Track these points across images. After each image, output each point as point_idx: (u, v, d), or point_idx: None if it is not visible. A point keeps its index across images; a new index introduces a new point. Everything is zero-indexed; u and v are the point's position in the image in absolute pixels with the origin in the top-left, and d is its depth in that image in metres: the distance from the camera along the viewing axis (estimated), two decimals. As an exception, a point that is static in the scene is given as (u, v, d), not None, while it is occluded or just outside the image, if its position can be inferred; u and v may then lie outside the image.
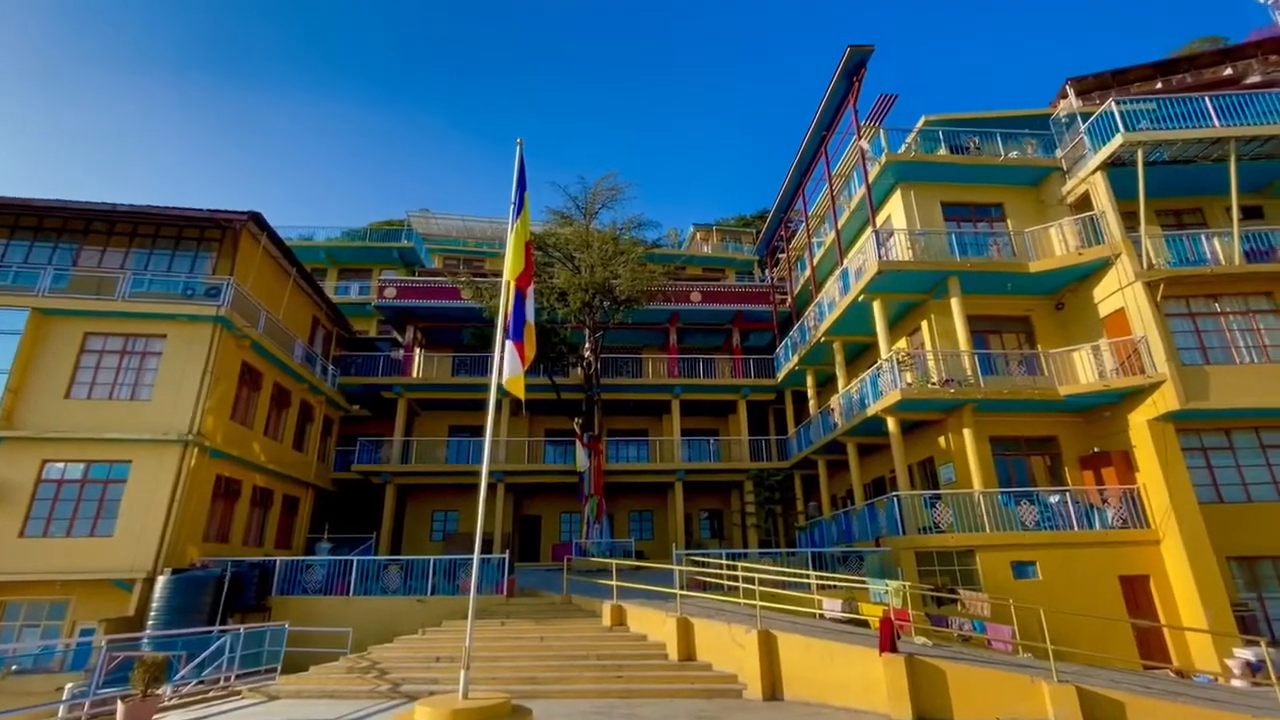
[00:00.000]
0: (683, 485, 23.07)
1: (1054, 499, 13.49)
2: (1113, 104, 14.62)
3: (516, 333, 5.99)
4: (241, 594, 12.78)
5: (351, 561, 13.73)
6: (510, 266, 6.44)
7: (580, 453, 20.98)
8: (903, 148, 17.12)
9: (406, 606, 13.18)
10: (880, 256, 14.98)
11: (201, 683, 10.23)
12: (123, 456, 13.93)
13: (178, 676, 9.98)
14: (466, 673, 5.57)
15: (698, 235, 41.89)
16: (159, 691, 8.51)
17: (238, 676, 10.61)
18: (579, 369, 22.09)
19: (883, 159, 16.33)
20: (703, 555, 14.38)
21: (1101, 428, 14.37)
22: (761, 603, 10.15)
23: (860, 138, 17.14)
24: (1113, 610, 12.28)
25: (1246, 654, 10.92)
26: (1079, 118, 16.04)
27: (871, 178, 16.73)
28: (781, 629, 9.57)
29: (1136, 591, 12.73)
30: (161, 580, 12.23)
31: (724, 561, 12.93)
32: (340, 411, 23.62)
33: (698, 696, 9.02)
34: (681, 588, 11.61)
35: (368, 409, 25.07)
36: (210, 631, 11.18)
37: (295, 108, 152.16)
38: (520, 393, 5.85)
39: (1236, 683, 10.63)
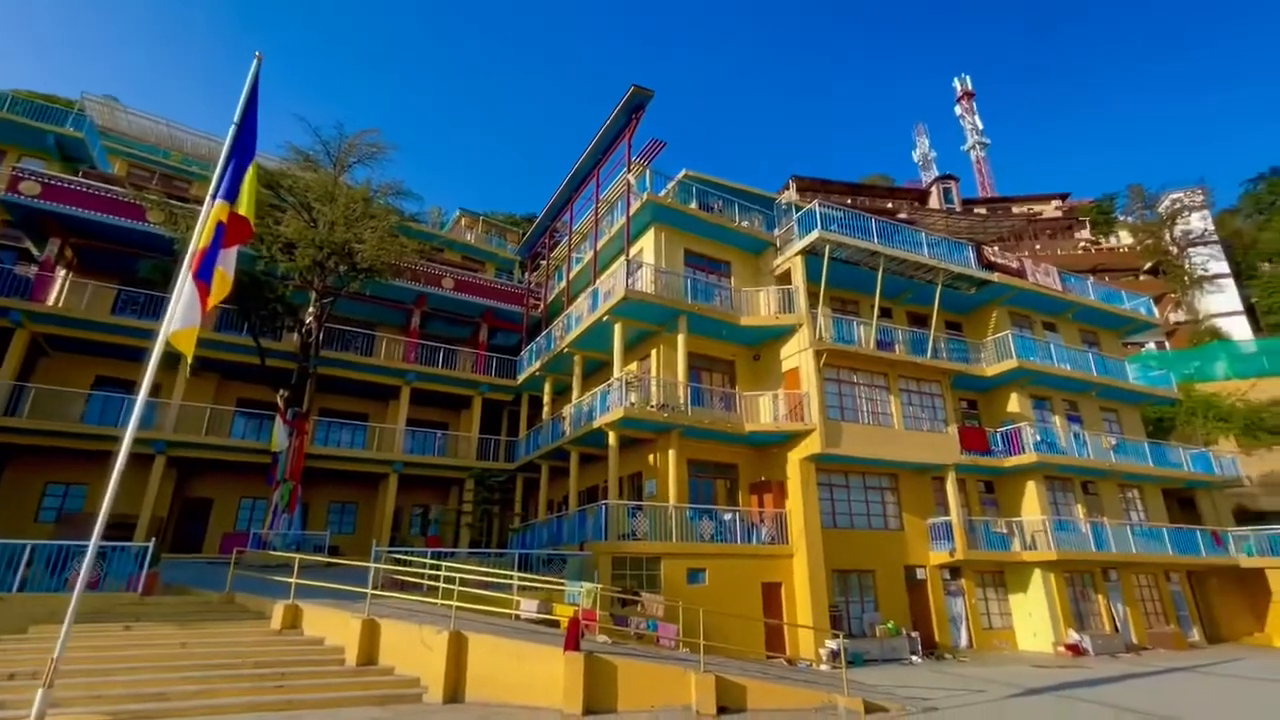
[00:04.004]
0: (399, 478, 21.63)
1: (728, 516, 16.00)
2: (817, 205, 18.30)
3: (205, 271, 4.87)
4: None
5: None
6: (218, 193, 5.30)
7: (280, 430, 18.26)
8: (663, 192, 18.90)
9: (-28, 607, 9.79)
10: (629, 285, 16.23)
11: None
12: None
13: None
14: (46, 691, 4.36)
15: (463, 221, 40.25)
16: None
17: None
18: (296, 335, 19.31)
19: (645, 196, 17.82)
20: (406, 553, 13.62)
21: (769, 461, 17.54)
22: (460, 603, 9.99)
23: (629, 171, 18.47)
24: (755, 611, 14.96)
25: (832, 645, 14.27)
26: (794, 208, 19.67)
27: (632, 211, 18.11)
28: (475, 630, 9.54)
29: (772, 596, 15.70)
30: None
31: (428, 560, 12.43)
32: (-95, 333, 16.81)
33: (371, 703, 8.44)
34: (377, 587, 10.83)
35: (-42, 336, 18.31)
36: None
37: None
38: (189, 349, 4.79)
39: (824, 667, 13.79)
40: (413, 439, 22.62)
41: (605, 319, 17.14)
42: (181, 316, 4.70)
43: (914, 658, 15.66)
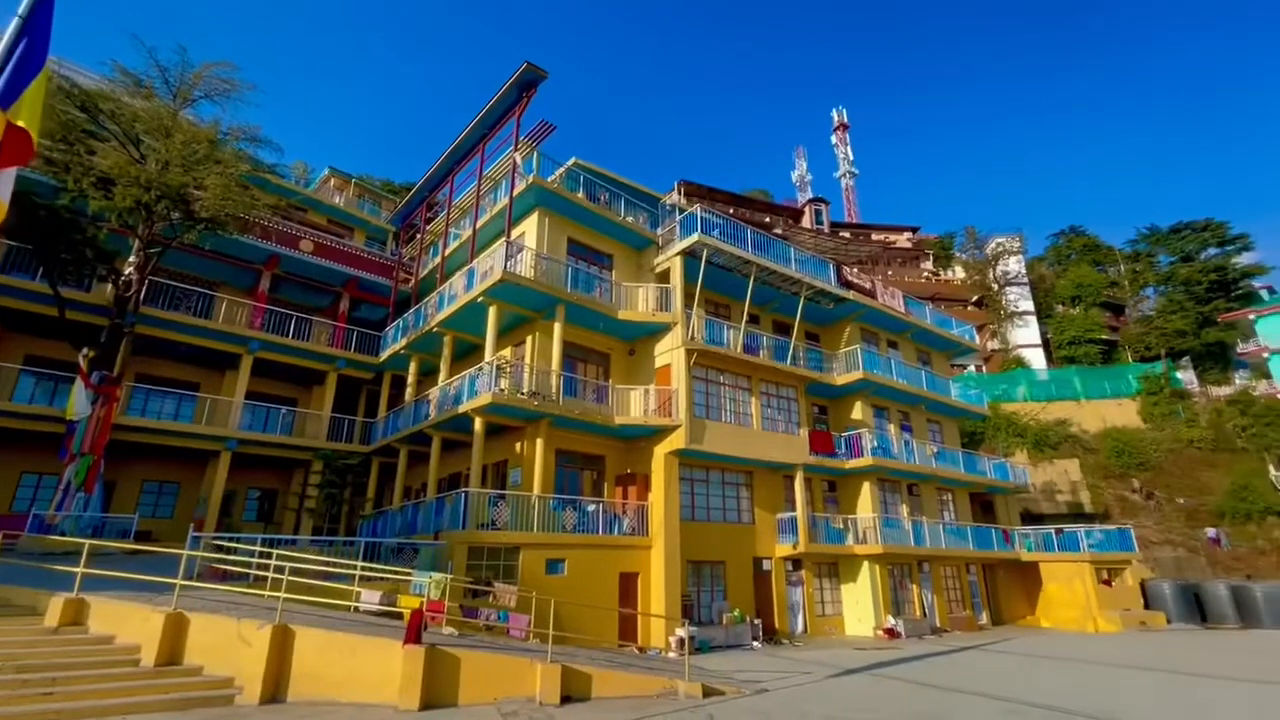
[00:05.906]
0: (232, 456, 19.41)
1: (591, 508, 16.08)
2: (699, 209, 18.89)
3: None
4: None
5: None
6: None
7: (81, 395, 15.64)
8: (551, 178, 18.54)
9: None
10: (507, 267, 15.74)
11: None
12: None
13: None
14: None
15: (332, 181, 36.88)
16: None
17: None
18: (110, 286, 16.65)
19: (531, 178, 17.37)
20: (232, 539, 12.26)
21: (636, 454, 17.87)
22: (291, 595, 9.14)
23: (516, 150, 17.93)
24: (612, 600, 15.17)
25: (681, 632, 14.82)
26: (678, 210, 20.16)
27: (516, 192, 17.59)
28: (306, 623, 8.80)
29: (629, 585, 16.01)
30: None
31: (257, 548, 11.27)
32: None
33: (170, 709, 7.48)
34: (194, 577, 9.65)
35: None
36: None
37: None
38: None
39: (672, 655, 14.27)
40: (252, 414, 20.38)
41: (480, 300, 16.50)
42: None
43: (755, 643, 16.72)
